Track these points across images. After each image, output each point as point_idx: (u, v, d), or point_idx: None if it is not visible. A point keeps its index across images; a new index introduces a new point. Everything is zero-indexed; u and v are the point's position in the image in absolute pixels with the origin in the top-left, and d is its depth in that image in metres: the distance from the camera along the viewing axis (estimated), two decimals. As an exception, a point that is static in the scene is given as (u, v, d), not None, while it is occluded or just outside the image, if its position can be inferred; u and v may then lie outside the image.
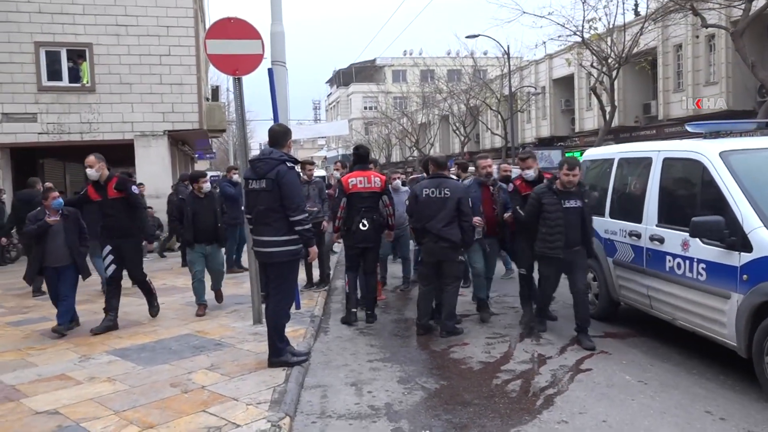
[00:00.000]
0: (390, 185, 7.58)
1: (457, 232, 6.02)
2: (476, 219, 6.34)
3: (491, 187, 6.72)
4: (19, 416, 4.17)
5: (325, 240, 8.51)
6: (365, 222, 6.65)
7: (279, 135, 5.19)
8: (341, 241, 7.00)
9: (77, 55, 14.52)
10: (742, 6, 13.37)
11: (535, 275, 6.34)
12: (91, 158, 6.54)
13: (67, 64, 14.45)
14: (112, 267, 6.57)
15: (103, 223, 6.66)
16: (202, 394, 4.49)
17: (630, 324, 6.28)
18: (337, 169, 9.60)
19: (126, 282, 6.90)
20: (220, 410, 4.15)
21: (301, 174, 7.88)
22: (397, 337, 6.33)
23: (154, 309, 7.12)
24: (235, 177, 9.89)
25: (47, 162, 18.81)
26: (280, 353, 5.07)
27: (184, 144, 19.38)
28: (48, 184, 7.43)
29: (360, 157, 6.99)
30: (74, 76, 14.52)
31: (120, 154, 16.30)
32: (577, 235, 5.70)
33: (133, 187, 6.71)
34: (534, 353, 5.50)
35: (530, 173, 6.44)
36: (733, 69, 20.31)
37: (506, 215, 6.55)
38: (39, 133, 14.24)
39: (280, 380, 4.71)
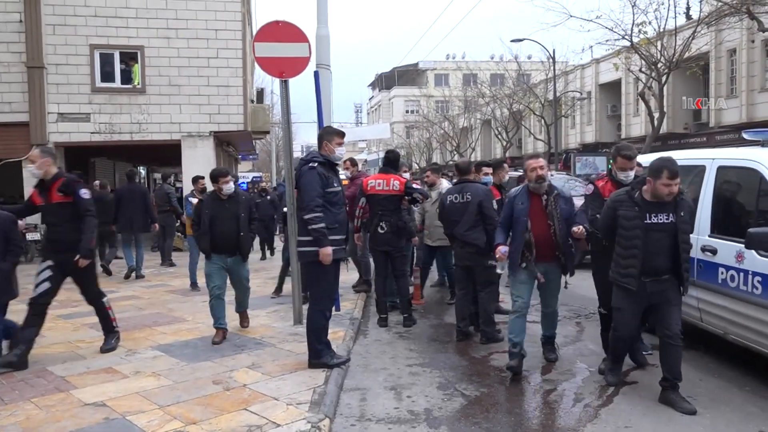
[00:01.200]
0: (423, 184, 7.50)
1: (481, 236, 5.98)
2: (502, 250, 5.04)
3: (544, 197, 5.07)
4: (68, 407, 4.29)
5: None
6: (383, 225, 6.69)
7: (318, 137, 5.33)
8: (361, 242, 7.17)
9: (129, 57, 14.96)
10: (803, 9, 12.85)
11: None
12: (34, 152, 5.44)
13: (119, 66, 14.90)
14: (44, 285, 5.33)
15: (45, 234, 5.75)
16: (243, 393, 4.54)
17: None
18: (347, 168, 8.73)
19: (172, 278, 7.04)
20: (261, 409, 4.19)
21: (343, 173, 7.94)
22: (437, 342, 6.28)
23: (108, 343, 5.71)
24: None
25: (98, 161, 19.45)
26: (318, 355, 5.09)
27: (228, 145, 19.74)
28: None
29: (388, 161, 7.08)
30: (126, 77, 14.96)
31: (168, 154, 16.75)
32: (663, 260, 4.32)
33: (83, 191, 5.43)
34: (579, 364, 5.37)
35: (630, 175, 4.96)
36: (790, 75, 19.52)
37: (576, 228, 4.86)
38: (92, 133, 14.71)
39: (319, 381, 4.73)
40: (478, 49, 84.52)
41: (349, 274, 8.31)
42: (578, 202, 5.50)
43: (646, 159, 7.18)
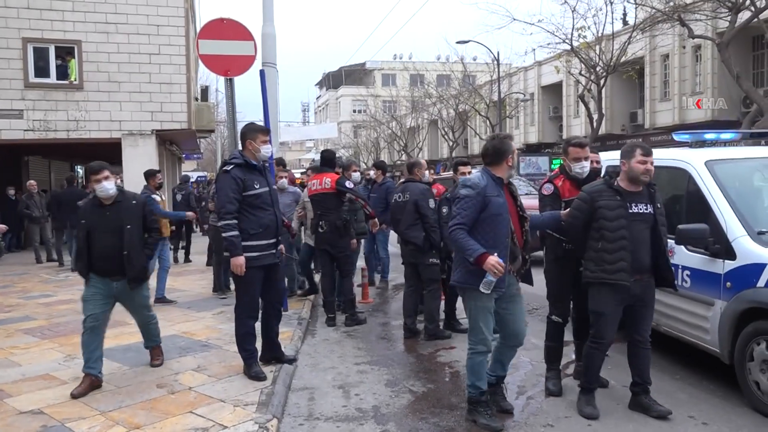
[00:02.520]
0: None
1: (419, 235, 6.09)
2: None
3: (510, 186, 4.15)
4: (2, 416, 4.13)
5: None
6: (323, 224, 6.70)
7: (241, 136, 4.99)
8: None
9: (65, 52, 14.40)
10: (728, 18, 13.59)
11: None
12: None
13: (55, 61, 14.31)
14: None
15: None
16: (188, 395, 4.47)
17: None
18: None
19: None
20: (207, 411, 4.14)
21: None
22: (385, 340, 6.34)
23: None
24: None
25: (32, 159, 18.62)
26: (245, 363, 4.90)
27: (171, 143, 19.28)
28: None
29: (324, 160, 7.07)
30: (62, 73, 14.39)
31: (107, 153, 16.19)
32: (646, 255, 4.05)
33: None
34: (522, 358, 5.53)
35: (585, 166, 4.57)
36: (718, 79, 20.60)
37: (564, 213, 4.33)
38: (25, 130, 14.07)
39: (267, 382, 4.70)
40: (425, 49, 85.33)
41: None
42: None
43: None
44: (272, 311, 5.11)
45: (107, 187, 4.66)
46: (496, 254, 3.76)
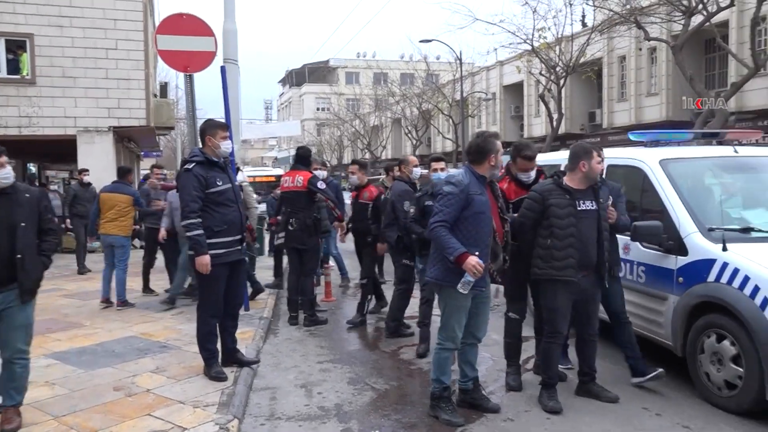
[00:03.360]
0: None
1: (393, 234, 6.11)
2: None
3: (493, 186, 4.16)
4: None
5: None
6: (293, 222, 6.66)
7: (200, 132, 4.90)
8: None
9: (17, 45, 13.92)
10: (682, 21, 14.00)
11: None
12: None
13: (5, 55, 13.82)
14: None
15: None
16: (147, 398, 4.38)
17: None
18: (352, 173, 8.02)
19: (63, 282, 6.66)
20: (166, 413, 4.06)
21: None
22: (348, 338, 6.33)
23: None
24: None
25: (-18, 157, 17.92)
26: (206, 363, 4.82)
27: (130, 141, 18.84)
28: None
29: (298, 158, 7.01)
30: (13, 67, 13.91)
31: (62, 150, 15.72)
32: (593, 251, 4.16)
33: None
34: (482, 354, 5.59)
35: (531, 176, 4.72)
36: (673, 81, 21.21)
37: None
38: (-26, 126, 13.57)
39: (228, 383, 4.64)
40: (389, 48, 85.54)
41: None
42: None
43: (546, 158, 7.58)
44: (230, 310, 4.98)
45: (4, 173, 3.75)
46: (477, 254, 3.76)
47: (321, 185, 6.62)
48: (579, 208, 4.14)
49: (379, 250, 6.87)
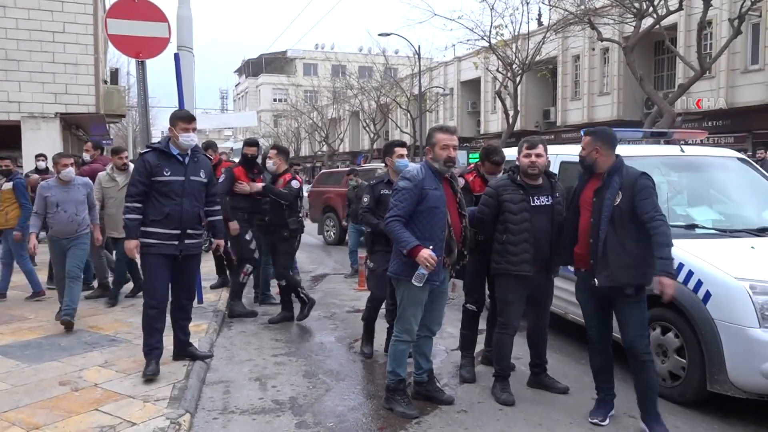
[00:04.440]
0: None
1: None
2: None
3: (451, 181, 4.20)
4: None
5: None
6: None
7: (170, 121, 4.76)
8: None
9: (-44, 25, 13.24)
10: (634, 23, 14.39)
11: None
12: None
13: (-57, 35, 13.12)
14: None
15: None
16: (94, 392, 4.25)
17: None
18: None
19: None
20: (115, 408, 3.96)
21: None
22: (303, 331, 6.30)
23: None
24: None
25: None
26: (145, 358, 4.67)
27: (78, 128, 18.20)
28: None
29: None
30: (-48, 48, 13.22)
31: (5, 136, 15.06)
32: (546, 246, 4.21)
33: None
34: (437, 346, 5.65)
35: (498, 177, 4.73)
36: (624, 81, 21.84)
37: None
38: None
39: (180, 376, 4.55)
40: (347, 41, 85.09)
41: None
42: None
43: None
44: (177, 303, 4.90)
45: None
46: (431, 247, 3.79)
47: (295, 184, 6.39)
48: (533, 204, 4.19)
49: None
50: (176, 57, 7.06)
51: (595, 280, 3.80)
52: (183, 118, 4.71)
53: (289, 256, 6.54)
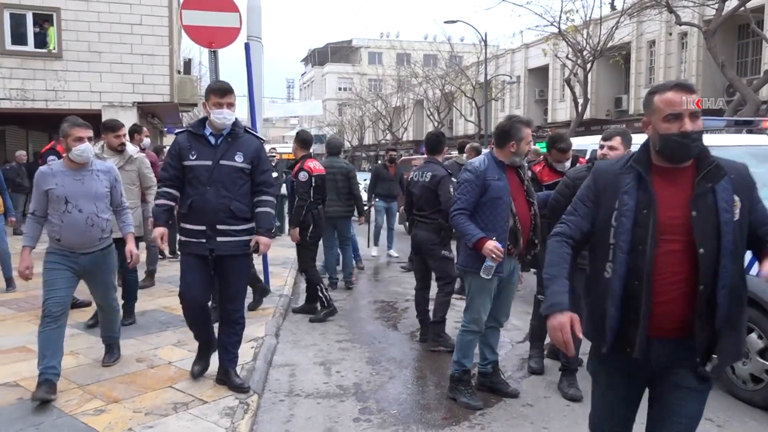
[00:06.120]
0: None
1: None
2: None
3: (518, 170, 4.06)
4: (-23, 388, 4.06)
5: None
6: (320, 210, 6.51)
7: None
8: None
9: (44, 19, 14.01)
10: (716, 6, 13.61)
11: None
12: None
13: (33, 29, 13.93)
14: None
15: None
16: (168, 370, 4.44)
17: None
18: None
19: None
20: (187, 386, 4.11)
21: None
22: (366, 319, 6.35)
23: None
24: None
25: (9, 129, 18.21)
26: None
27: (153, 117, 18.96)
28: None
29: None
30: (40, 41, 14.02)
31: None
32: None
33: None
34: (501, 338, 5.57)
35: (566, 166, 4.76)
36: (703, 67, 20.72)
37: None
38: (1, 99, 13.73)
39: (248, 358, 4.68)
40: (412, 28, 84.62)
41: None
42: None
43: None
44: (223, 315, 4.16)
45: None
46: (494, 238, 3.76)
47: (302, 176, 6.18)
48: None
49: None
50: (247, 47, 7.21)
51: (707, 365, 2.13)
52: (216, 91, 3.91)
53: (305, 250, 6.28)
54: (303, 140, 6.51)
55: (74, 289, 4.17)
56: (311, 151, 6.55)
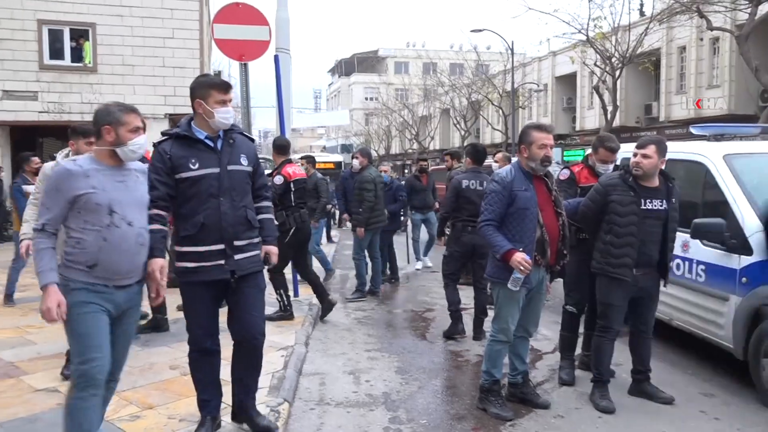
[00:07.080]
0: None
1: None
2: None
3: (546, 180, 4.03)
4: (18, 393, 4.19)
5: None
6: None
7: (190, 93, 3.40)
8: None
9: (79, 34, 14.45)
10: (749, 10, 13.38)
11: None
12: None
13: (69, 44, 14.38)
14: None
15: None
16: (201, 378, 4.50)
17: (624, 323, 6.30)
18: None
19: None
20: (220, 394, 4.16)
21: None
22: (395, 328, 6.36)
23: None
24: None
25: (47, 141, 18.73)
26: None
27: (184, 128, 19.32)
28: None
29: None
30: (76, 55, 14.45)
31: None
32: (654, 250, 4.07)
33: None
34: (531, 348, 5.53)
35: (609, 168, 4.62)
36: (736, 72, 20.31)
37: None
38: (39, 112, 14.18)
39: (278, 366, 4.73)
40: (438, 38, 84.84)
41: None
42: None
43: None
44: (241, 350, 3.52)
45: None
46: (521, 249, 3.77)
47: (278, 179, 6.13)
48: (644, 207, 4.01)
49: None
50: (276, 59, 7.33)
51: None
52: (218, 86, 3.35)
53: (291, 252, 6.13)
54: (279, 146, 6.49)
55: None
56: (290, 156, 6.60)
